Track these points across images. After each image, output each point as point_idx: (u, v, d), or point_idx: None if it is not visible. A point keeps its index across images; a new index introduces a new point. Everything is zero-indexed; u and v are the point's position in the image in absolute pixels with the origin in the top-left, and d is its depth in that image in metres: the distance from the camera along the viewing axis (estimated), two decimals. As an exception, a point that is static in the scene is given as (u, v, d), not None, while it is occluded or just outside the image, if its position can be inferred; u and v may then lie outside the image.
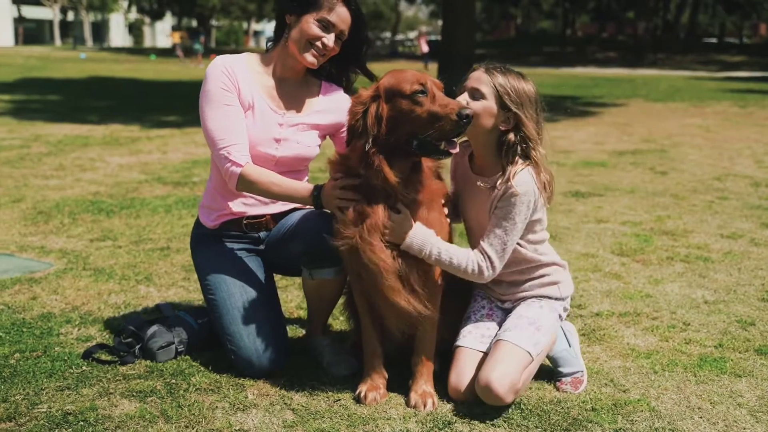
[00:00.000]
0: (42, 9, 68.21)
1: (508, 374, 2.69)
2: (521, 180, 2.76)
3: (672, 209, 6.16)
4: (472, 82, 2.80)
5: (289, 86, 3.12)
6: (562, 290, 3.01)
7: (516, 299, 3.00)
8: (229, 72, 3.00)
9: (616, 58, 44.57)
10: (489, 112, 2.77)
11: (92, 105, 14.56)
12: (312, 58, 3.00)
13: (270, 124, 3.05)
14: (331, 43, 2.99)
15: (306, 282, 3.11)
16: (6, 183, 6.78)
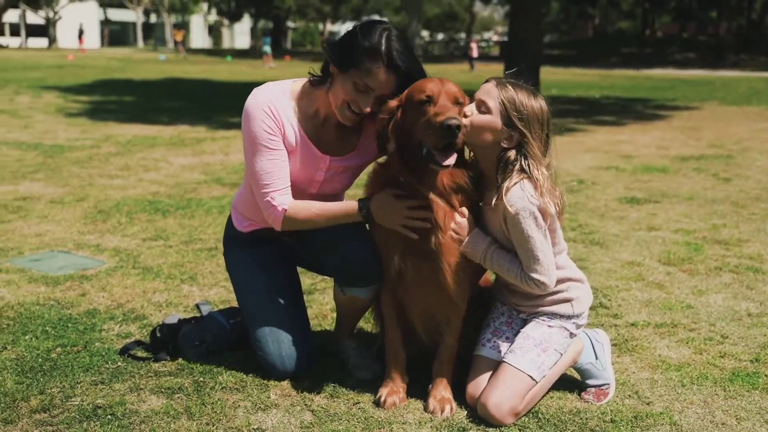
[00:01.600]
0: (126, 11, 70.57)
1: (507, 399, 2.70)
2: (514, 196, 2.70)
3: (729, 218, 6.00)
4: (481, 93, 2.77)
5: (331, 127, 3.00)
6: (576, 307, 2.94)
7: (531, 312, 2.97)
8: (274, 114, 2.90)
9: (696, 59, 43.34)
10: (492, 127, 2.73)
11: (164, 106, 14.99)
12: (347, 119, 2.89)
13: (314, 169, 3.02)
14: (367, 107, 2.82)
15: (337, 294, 3.17)
16: (73, 182, 7.07)
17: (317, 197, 3.07)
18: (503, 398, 2.70)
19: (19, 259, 4.63)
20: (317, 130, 3.01)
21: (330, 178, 3.08)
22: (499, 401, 2.69)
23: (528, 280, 2.77)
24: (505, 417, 2.69)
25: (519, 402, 2.72)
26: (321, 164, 3.03)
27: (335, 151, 3.04)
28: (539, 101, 2.77)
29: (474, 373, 2.87)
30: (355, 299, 3.08)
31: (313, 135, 2.99)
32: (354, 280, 2.98)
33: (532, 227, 2.72)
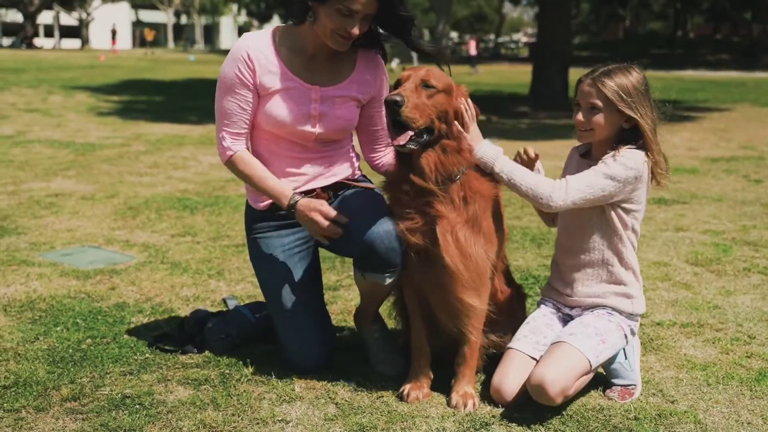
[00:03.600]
0: (158, 13, 71.33)
1: (563, 377, 2.69)
2: (632, 153, 2.83)
3: (760, 219, 5.94)
4: (584, 97, 2.86)
5: (322, 59, 3.05)
6: (635, 306, 2.96)
7: (586, 305, 2.97)
8: (248, 59, 2.97)
9: (728, 61, 42.78)
10: (608, 121, 2.84)
11: (193, 105, 15.13)
12: (340, 44, 2.94)
13: (303, 102, 3.02)
14: (356, 30, 2.87)
15: (358, 279, 3.10)
16: (103, 180, 7.18)
17: (320, 142, 3.09)
18: (560, 376, 2.68)
19: (51, 254, 4.72)
20: (307, 64, 3.04)
21: (327, 111, 3.05)
22: (555, 378, 2.67)
23: (546, 184, 2.80)
24: (557, 396, 2.68)
25: (572, 383, 2.73)
26: (312, 95, 3.03)
27: (327, 81, 3.06)
28: (634, 74, 2.85)
29: (504, 366, 2.87)
30: (376, 285, 3.01)
31: (300, 69, 3.03)
32: (375, 267, 2.91)
33: (618, 173, 2.79)
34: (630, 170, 2.80)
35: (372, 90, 3.14)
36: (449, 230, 2.76)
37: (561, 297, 3.05)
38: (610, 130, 2.86)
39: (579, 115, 2.88)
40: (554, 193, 2.79)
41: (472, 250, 2.78)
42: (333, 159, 3.19)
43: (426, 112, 2.68)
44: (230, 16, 76.42)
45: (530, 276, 4.42)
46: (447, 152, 2.75)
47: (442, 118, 2.73)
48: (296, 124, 3.03)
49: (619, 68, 2.85)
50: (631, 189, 2.85)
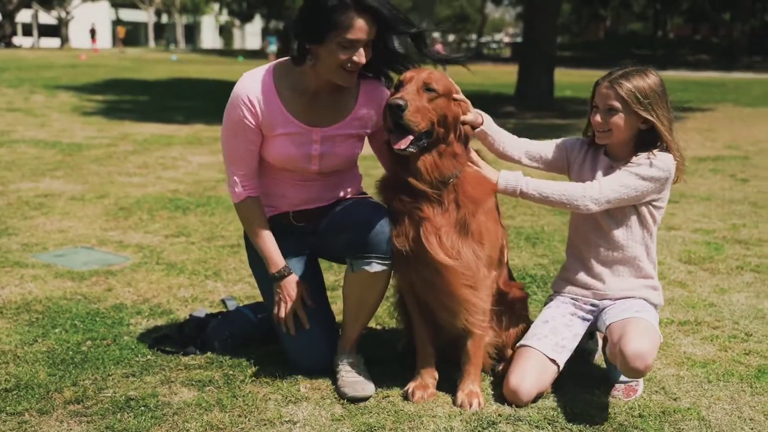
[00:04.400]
0: (138, 12, 70.85)
1: (653, 348, 2.76)
2: (664, 155, 2.89)
3: (749, 218, 6.00)
4: (602, 99, 2.90)
5: (324, 98, 3.02)
6: (660, 297, 3.09)
7: (617, 297, 3.02)
8: (250, 104, 2.95)
9: (708, 61, 43.16)
10: (627, 122, 2.88)
11: (179, 105, 15.07)
12: (348, 79, 2.91)
13: (304, 144, 3.02)
14: (362, 58, 2.84)
15: (347, 280, 3.03)
16: (92, 180, 7.13)
17: (321, 175, 3.11)
18: (651, 348, 2.73)
19: (43, 255, 4.68)
20: (309, 104, 3.02)
21: (328, 151, 3.05)
22: (650, 348, 2.72)
23: (577, 187, 2.88)
24: (650, 366, 2.72)
25: (655, 355, 2.79)
26: (313, 136, 3.03)
27: (328, 121, 3.05)
28: (651, 77, 2.90)
29: (521, 366, 2.86)
30: (364, 280, 2.92)
31: (301, 111, 3.01)
32: (366, 248, 2.85)
33: (650, 176, 2.86)
34: (663, 172, 2.87)
35: (377, 119, 3.07)
36: (433, 232, 2.75)
37: (586, 290, 3.07)
38: (628, 131, 2.90)
39: (597, 117, 2.91)
40: (587, 194, 2.86)
41: (460, 252, 2.77)
42: (336, 185, 3.22)
43: (427, 115, 2.68)
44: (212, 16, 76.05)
45: (527, 275, 4.44)
46: (443, 156, 2.75)
47: (441, 122, 2.73)
48: (297, 163, 3.06)
49: (637, 71, 2.89)
50: (661, 188, 2.92)
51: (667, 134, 2.88)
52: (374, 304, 3.05)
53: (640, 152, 2.92)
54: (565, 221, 5.50)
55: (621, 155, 2.98)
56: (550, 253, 4.92)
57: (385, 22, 2.84)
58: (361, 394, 2.86)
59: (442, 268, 2.76)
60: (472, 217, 2.79)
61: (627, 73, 2.88)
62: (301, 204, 3.20)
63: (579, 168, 3.08)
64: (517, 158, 3.12)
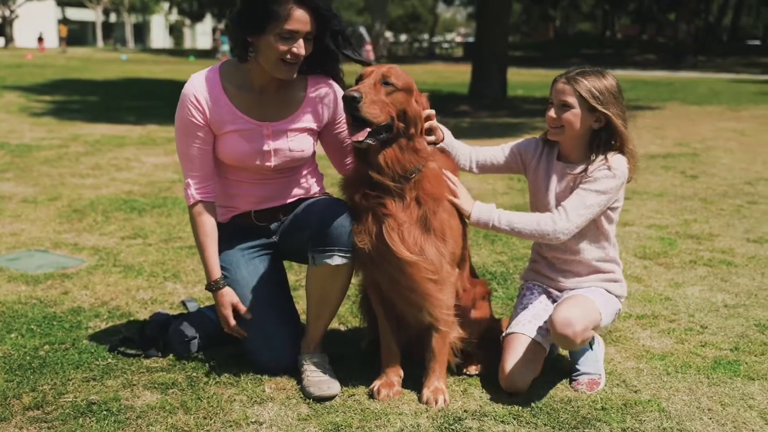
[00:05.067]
0: (85, 11, 69.57)
1: (584, 318, 2.80)
2: (618, 161, 2.92)
3: (699, 213, 6.14)
4: (558, 94, 2.94)
5: (272, 94, 3.06)
6: (622, 289, 3.14)
7: (579, 287, 3.08)
8: (197, 103, 2.99)
9: (655, 61, 44.02)
10: (580, 118, 2.91)
11: (130, 105, 14.84)
12: (288, 72, 2.94)
13: (256, 139, 3.05)
14: (301, 50, 2.89)
15: (309, 276, 3.01)
16: (44, 182, 6.98)
17: (278, 173, 3.12)
18: (582, 317, 2.78)
19: (-4, 259, 4.57)
20: (256, 100, 3.05)
21: (281, 145, 3.07)
22: (580, 316, 2.77)
23: (545, 219, 2.90)
24: (579, 334, 2.76)
25: (588, 328, 2.81)
26: (264, 131, 3.05)
27: (278, 116, 3.07)
28: (608, 79, 2.94)
29: (512, 352, 2.92)
30: (326, 275, 2.92)
31: (250, 107, 3.04)
32: (328, 241, 2.85)
33: (610, 188, 2.90)
34: (618, 179, 2.92)
35: (327, 114, 3.15)
36: (395, 228, 2.76)
37: (552, 282, 3.15)
38: (581, 128, 2.93)
39: (551, 112, 2.95)
40: (557, 224, 2.89)
41: (423, 247, 2.79)
42: (294, 182, 3.22)
43: (385, 109, 2.69)
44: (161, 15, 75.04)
45: (487, 272, 4.48)
46: (404, 150, 2.76)
47: (400, 116, 2.74)
48: (251, 160, 3.07)
49: (594, 71, 2.94)
50: (618, 192, 2.97)
51: (622, 128, 2.92)
52: (337, 300, 3.04)
53: (593, 154, 2.95)
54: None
55: (574, 156, 3.01)
56: (508, 250, 4.97)
57: (321, 16, 2.89)
58: (327, 393, 2.86)
59: (405, 264, 2.77)
60: (433, 215, 2.80)
61: (584, 72, 2.93)
62: (261, 203, 3.19)
63: (534, 170, 3.12)
64: (468, 169, 3.16)
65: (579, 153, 3.00)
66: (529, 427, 2.68)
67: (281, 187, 3.20)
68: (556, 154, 3.07)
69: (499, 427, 2.68)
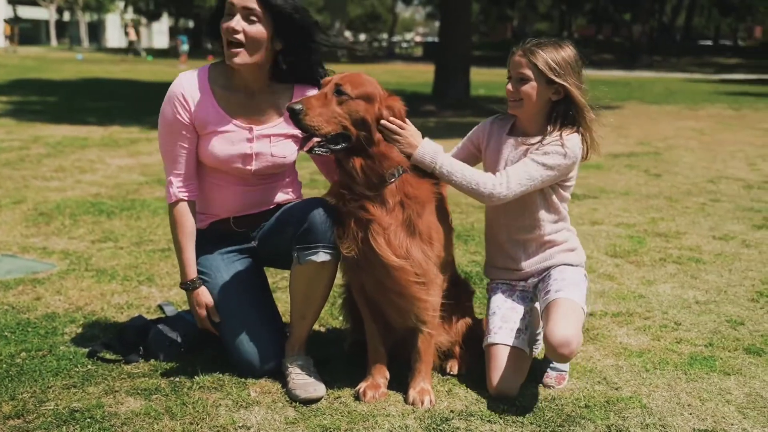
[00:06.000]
0: (38, 9, 68.18)
1: (578, 331, 2.79)
2: (572, 141, 2.91)
3: (665, 211, 6.25)
4: (515, 67, 2.92)
5: (258, 97, 3.07)
6: (579, 256, 3.13)
7: (538, 271, 3.08)
8: (184, 102, 3.00)
9: (612, 60, 44.66)
10: (538, 92, 2.89)
11: (90, 106, 14.60)
12: (232, 54, 2.90)
13: (239, 142, 3.04)
14: (235, 23, 2.86)
15: (294, 276, 2.97)
16: (6, 184, 6.84)
17: (258, 178, 3.12)
18: (576, 331, 2.76)
19: (-37, 264, 4.47)
20: (242, 103, 3.05)
21: (263, 150, 3.07)
22: (575, 333, 2.75)
23: (487, 179, 2.87)
24: (577, 350, 2.76)
25: (581, 336, 2.82)
26: (248, 135, 3.05)
27: (261, 120, 3.08)
28: (566, 49, 2.92)
29: (495, 363, 2.91)
30: (312, 272, 2.88)
31: (235, 110, 3.05)
32: (312, 238, 2.82)
33: (558, 164, 2.88)
34: (568, 159, 2.90)
35: None
36: (381, 233, 2.76)
37: (511, 273, 3.13)
38: (539, 101, 2.91)
39: (509, 86, 2.94)
40: (496, 188, 2.86)
41: (409, 250, 2.79)
42: (274, 189, 3.22)
43: (334, 119, 2.66)
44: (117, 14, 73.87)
45: (462, 272, 4.49)
46: (373, 158, 2.73)
47: (358, 124, 2.70)
48: (232, 162, 3.06)
49: (552, 42, 2.93)
50: (568, 172, 2.97)
51: (580, 99, 2.91)
52: (322, 299, 3.01)
53: (550, 125, 2.93)
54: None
55: (532, 128, 2.98)
56: (481, 249, 4.98)
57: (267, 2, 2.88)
58: (313, 396, 2.85)
59: (392, 268, 2.77)
60: (418, 218, 2.80)
61: (541, 43, 2.92)
62: (240, 210, 3.19)
63: (486, 149, 3.10)
64: None
65: (537, 125, 2.97)
66: (516, 426, 2.70)
67: (261, 195, 3.19)
68: (507, 129, 3.06)
69: (486, 427, 2.70)
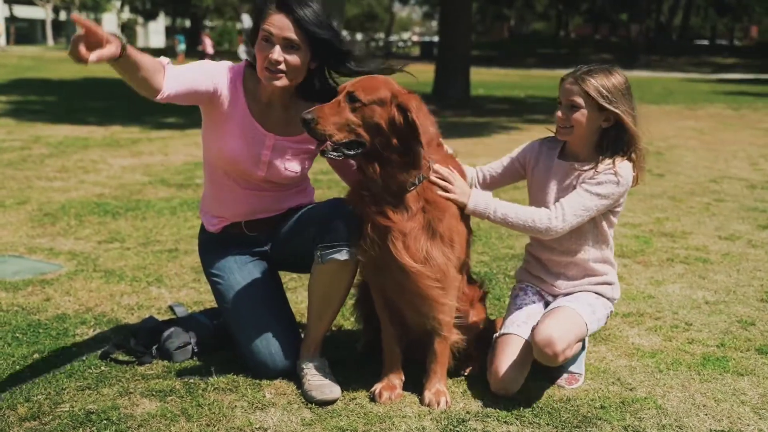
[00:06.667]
0: (34, 8, 68.02)
1: (567, 335, 2.82)
2: (625, 169, 2.93)
3: (670, 211, 6.26)
4: (566, 95, 2.94)
5: (277, 110, 3.07)
6: (614, 291, 3.16)
7: (570, 292, 3.11)
8: (228, 79, 2.99)
9: (609, 60, 44.62)
10: (588, 119, 2.91)
11: (90, 106, 14.58)
12: (273, 78, 2.92)
13: (256, 145, 3.04)
14: (276, 56, 2.87)
15: (314, 275, 2.97)
16: (10, 185, 6.82)
17: (268, 185, 3.11)
18: (564, 334, 2.79)
19: (-30, 265, 4.45)
20: (264, 111, 3.06)
21: (277, 161, 3.07)
22: (561, 335, 2.78)
23: (541, 215, 2.91)
24: (561, 353, 2.78)
25: (573, 343, 2.84)
26: (266, 141, 3.04)
27: (282, 131, 3.08)
28: (616, 76, 2.94)
29: (505, 353, 2.91)
30: (333, 271, 2.89)
31: (258, 115, 3.05)
32: (335, 236, 2.83)
33: (611, 193, 2.93)
34: (621, 187, 2.93)
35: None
36: (399, 238, 2.75)
37: (545, 285, 3.17)
38: (590, 128, 2.94)
39: (559, 112, 2.96)
40: (552, 222, 2.91)
41: (429, 254, 2.79)
42: (286, 195, 3.21)
43: (347, 126, 2.67)
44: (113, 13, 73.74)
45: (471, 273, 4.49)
46: (391, 164, 2.71)
47: (372, 130, 2.69)
48: (244, 164, 3.05)
49: (602, 69, 2.95)
50: (620, 199, 3.00)
51: (632, 126, 2.92)
52: (340, 299, 3.02)
53: (602, 153, 2.95)
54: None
55: (582, 154, 3.01)
56: (489, 250, 5.01)
57: (307, 28, 2.87)
58: (329, 397, 2.85)
59: (411, 272, 2.77)
60: (440, 222, 2.80)
61: (591, 70, 2.93)
62: (252, 214, 3.19)
63: (533, 170, 3.13)
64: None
65: (588, 151, 3.00)
66: (533, 427, 2.70)
67: (272, 200, 3.18)
68: (557, 153, 3.09)
69: (502, 428, 2.70)
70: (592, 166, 2.94)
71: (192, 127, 11.29)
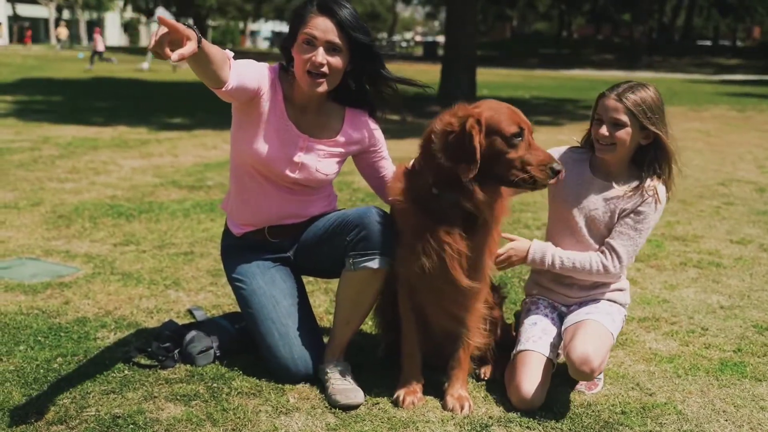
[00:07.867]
0: (37, 7, 68.06)
1: (601, 350, 2.85)
2: (662, 193, 3.02)
3: (681, 215, 6.28)
4: (609, 112, 2.93)
5: (311, 114, 3.10)
6: (626, 297, 3.20)
7: (584, 302, 3.14)
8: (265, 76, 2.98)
9: (612, 61, 44.76)
10: (632, 136, 2.94)
11: (96, 106, 14.61)
12: (315, 84, 2.94)
13: (290, 146, 3.05)
14: (320, 58, 2.89)
15: (344, 281, 3.00)
16: (22, 186, 6.85)
17: (297, 187, 3.13)
18: (598, 350, 2.83)
19: (-12, 267, 4.48)
20: (298, 114, 3.08)
21: (309, 162, 3.09)
22: (596, 351, 2.81)
23: (597, 263, 3.00)
24: (598, 368, 2.82)
25: (605, 357, 2.90)
26: (300, 143, 3.07)
27: (316, 133, 3.11)
28: (650, 90, 2.96)
29: (527, 370, 2.91)
30: (365, 278, 2.93)
31: (293, 115, 3.07)
32: (371, 244, 2.87)
33: (654, 221, 3.02)
34: (659, 210, 3.01)
35: (361, 145, 3.18)
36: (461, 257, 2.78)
37: (556, 296, 3.20)
38: (631, 146, 2.96)
39: (603, 129, 2.94)
40: (609, 270, 3.02)
41: (483, 272, 2.88)
42: (311, 201, 3.23)
43: None
44: (116, 12, 73.80)
45: (486, 276, 4.53)
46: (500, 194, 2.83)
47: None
48: (277, 164, 3.06)
49: (640, 85, 2.96)
50: None
51: (670, 146, 2.96)
52: (369, 306, 3.06)
53: (643, 173, 2.99)
54: (510, 221, 5.64)
55: (616, 171, 3.03)
56: (502, 253, 5.02)
57: (348, 30, 2.91)
58: (354, 402, 2.87)
59: (463, 287, 2.82)
60: (494, 242, 2.90)
61: (632, 87, 2.94)
62: (276, 219, 3.20)
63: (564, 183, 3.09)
64: None
65: (622, 167, 3.03)
66: (555, 433, 2.73)
67: (297, 205, 3.20)
68: (587, 165, 3.10)
69: (525, 433, 2.72)
70: (629, 192, 2.99)
71: (198, 127, 11.30)
